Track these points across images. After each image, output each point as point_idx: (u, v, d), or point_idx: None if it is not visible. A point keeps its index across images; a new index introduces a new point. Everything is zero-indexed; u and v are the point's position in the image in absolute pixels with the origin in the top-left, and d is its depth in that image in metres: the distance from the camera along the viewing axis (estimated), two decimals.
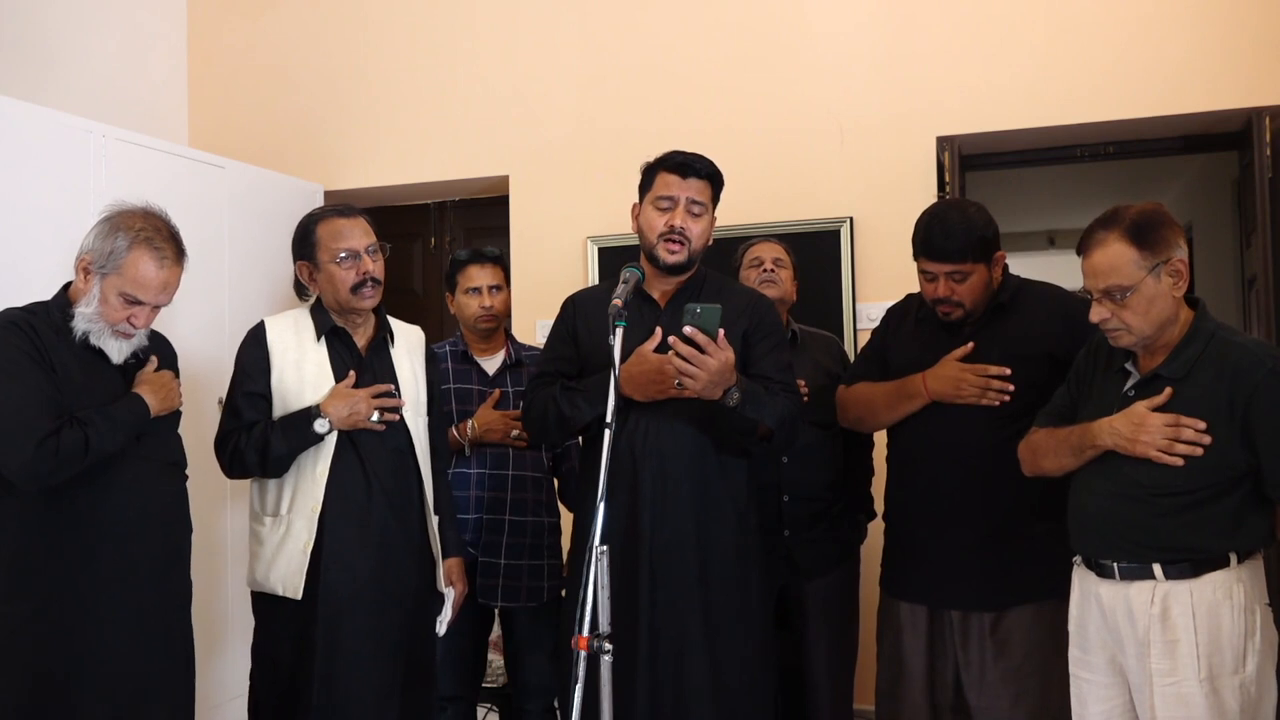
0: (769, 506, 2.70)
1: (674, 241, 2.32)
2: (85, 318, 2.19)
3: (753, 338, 2.36)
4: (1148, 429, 1.97)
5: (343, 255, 2.46)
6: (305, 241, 2.52)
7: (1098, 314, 2.03)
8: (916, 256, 2.44)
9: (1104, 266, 2.00)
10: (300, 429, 2.39)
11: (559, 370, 2.42)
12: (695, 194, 2.35)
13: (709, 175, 2.37)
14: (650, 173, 2.41)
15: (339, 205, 2.62)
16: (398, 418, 2.50)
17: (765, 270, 2.87)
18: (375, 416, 2.44)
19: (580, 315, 2.46)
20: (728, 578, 2.28)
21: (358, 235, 2.49)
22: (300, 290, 2.60)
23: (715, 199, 2.41)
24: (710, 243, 2.41)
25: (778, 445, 2.35)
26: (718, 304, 2.14)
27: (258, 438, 2.40)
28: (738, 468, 2.34)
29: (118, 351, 2.24)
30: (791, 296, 2.94)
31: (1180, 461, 1.95)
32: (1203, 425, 1.94)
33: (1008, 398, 2.34)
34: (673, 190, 2.34)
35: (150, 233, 2.21)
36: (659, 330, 2.22)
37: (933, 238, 2.39)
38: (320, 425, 2.39)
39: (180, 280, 2.28)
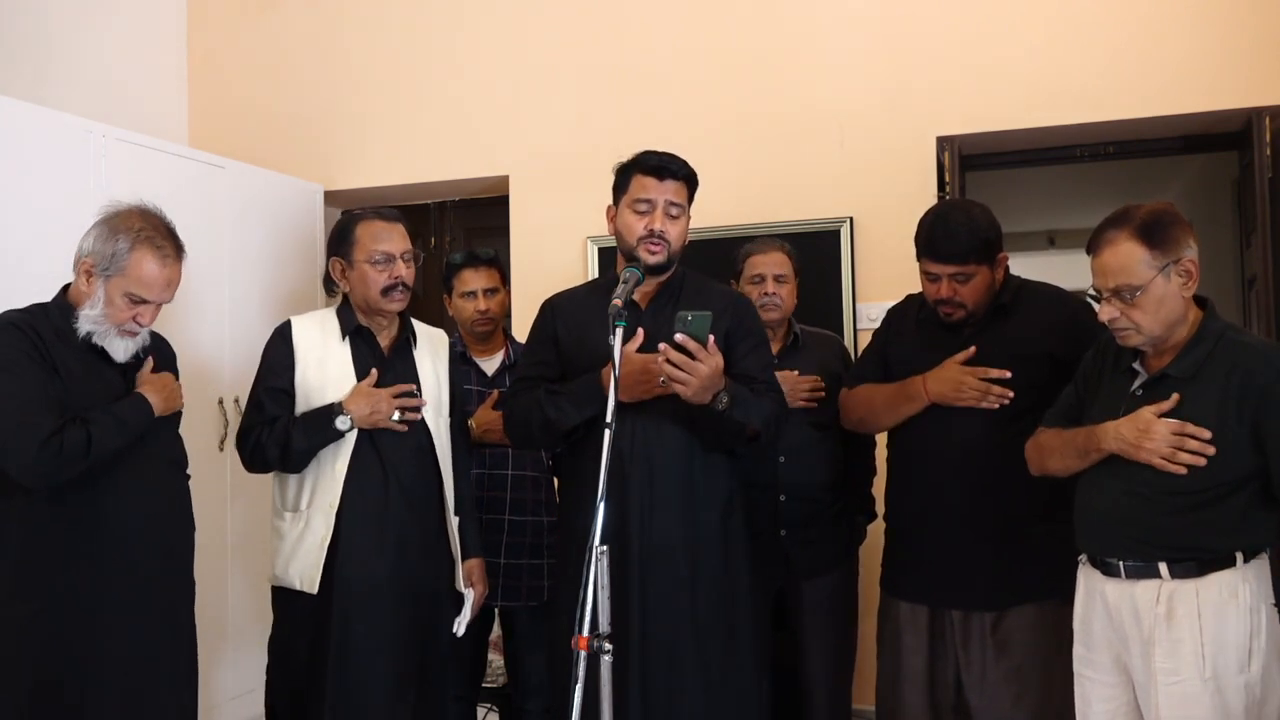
0: (766, 506, 2.70)
1: (654, 243, 2.31)
2: (90, 320, 2.20)
3: (734, 338, 2.36)
4: (1152, 436, 1.96)
5: (378, 257, 2.50)
6: (343, 239, 2.56)
7: (1107, 313, 2.02)
8: (920, 257, 2.43)
9: (1114, 266, 1.99)
10: (321, 425, 2.42)
11: (541, 374, 2.41)
12: (672, 196, 2.33)
13: (685, 176, 2.36)
14: (625, 174, 2.39)
15: (382, 209, 2.66)
16: (419, 418, 2.52)
17: (766, 294, 2.81)
18: (396, 416, 2.46)
19: (560, 318, 2.45)
20: (717, 578, 2.28)
21: (395, 240, 2.54)
22: (329, 287, 2.63)
23: (691, 199, 2.39)
24: (687, 242, 2.39)
25: (763, 445, 2.35)
26: (708, 311, 2.13)
27: (279, 433, 2.42)
28: (723, 467, 2.34)
29: (123, 350, 2.26)
30: (791, 310, 2.90)
31: (1183, 470, 1.94)
32: (1208, 435, 1.93)
33: (1008, 401, 2.34)
34: (650, 193, 2.33)
35: (150, 232, 2.23)
36: (641, 331, 2.22)
37: (936, 239, 2.38)
38: (341, 422, 2.41)
39: (182, 276, 2.29)
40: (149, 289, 2.21)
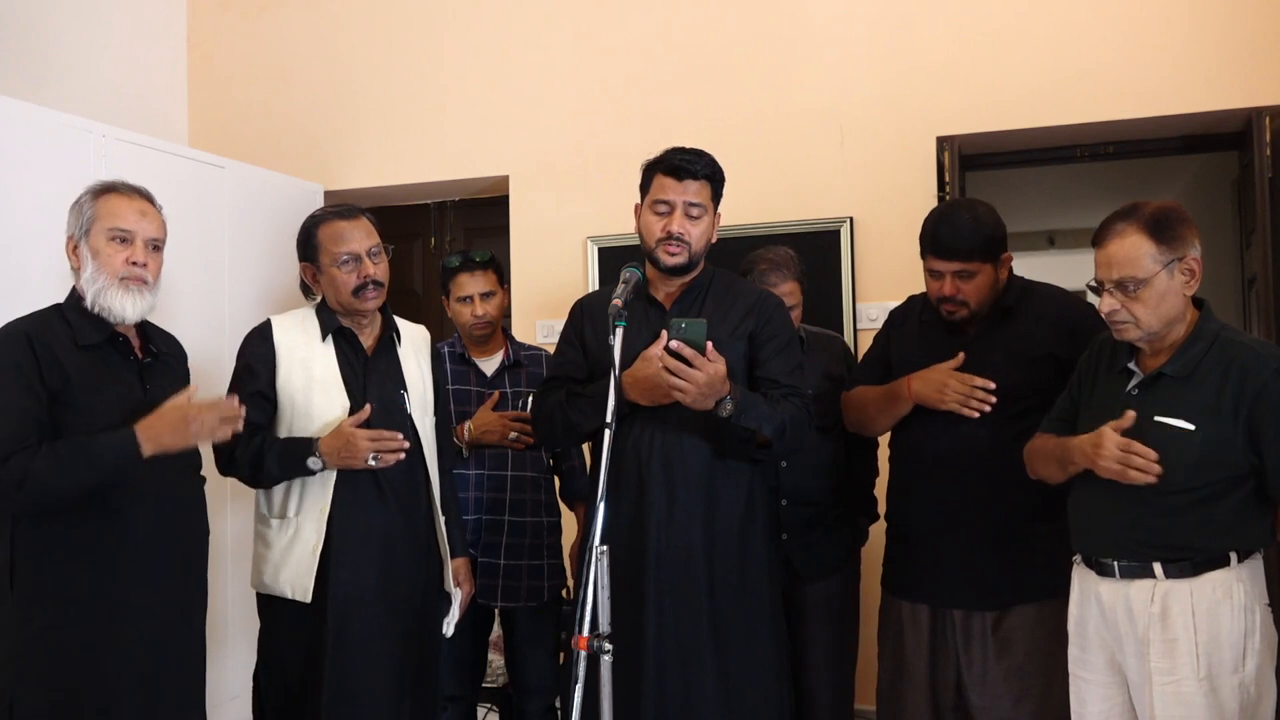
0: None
1: (672, 245, 2.29)
2: (89, 281, 2.17)
3: (760, 339, 2.34)
4: (1103, 451, 1.97)
5: (344, 259, 2.44)
6: (308, 244, 2.51)
7: (1107, 305, 2.02)
8: (924, 254, 2.44)
9: (1119, 257, 2.00)
10: (296, 459, 2.36)
11: (568, 375, 2.41)
12: (692, 196, 2.30)
13: (707, 175, 2.32)
14: (648, 173, 2.37)
15: (341, 206, 2.59)
16: (394, 462, 2.40)
17: None
18: (373, 460, 2.35)
19: (587, 319, 2.44)
20: (735, 584, 2.27)
21: (359, 238, 2.46)
22: (306, 291, 2.59)
23: (716, 197, 2.36)
24: (714, 240, 2.38)
25: (779, 452, 2.33)
26: (703, 318, 2.13)
27: (254, 452, 2.37)
28: (744, 473, 2.32)
29: (132, 308, 2.18)
30: (799, 322, 2.82)
31: (1142, 482, 1.94)
32: (1154, 455, 1.93)
33: (989, 409, 2.33)
34: (669, 194, 2.30)
35: (105, 183, 2.26)
36: (665, 333, 2.21)
37: (941, 235, 2.38)
38: (313, 463, 2.35)
39: (160, 221, 2.27)
40: (124, 218, 2.19)
